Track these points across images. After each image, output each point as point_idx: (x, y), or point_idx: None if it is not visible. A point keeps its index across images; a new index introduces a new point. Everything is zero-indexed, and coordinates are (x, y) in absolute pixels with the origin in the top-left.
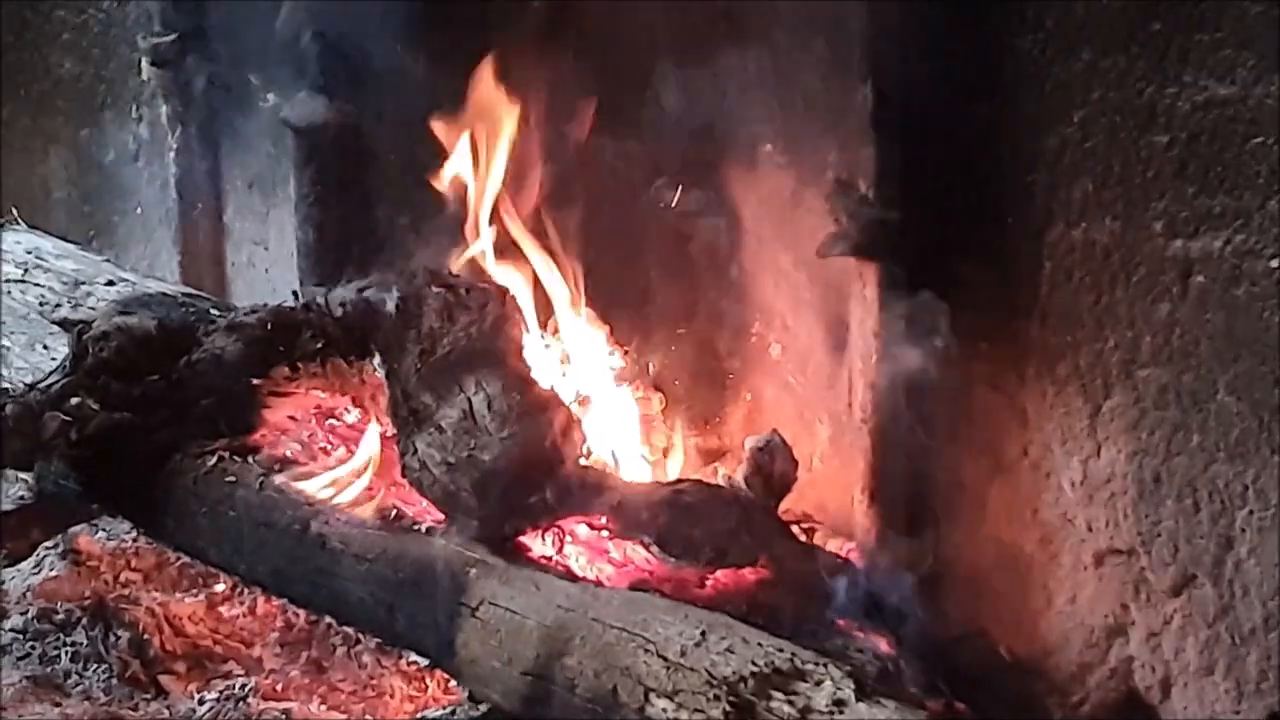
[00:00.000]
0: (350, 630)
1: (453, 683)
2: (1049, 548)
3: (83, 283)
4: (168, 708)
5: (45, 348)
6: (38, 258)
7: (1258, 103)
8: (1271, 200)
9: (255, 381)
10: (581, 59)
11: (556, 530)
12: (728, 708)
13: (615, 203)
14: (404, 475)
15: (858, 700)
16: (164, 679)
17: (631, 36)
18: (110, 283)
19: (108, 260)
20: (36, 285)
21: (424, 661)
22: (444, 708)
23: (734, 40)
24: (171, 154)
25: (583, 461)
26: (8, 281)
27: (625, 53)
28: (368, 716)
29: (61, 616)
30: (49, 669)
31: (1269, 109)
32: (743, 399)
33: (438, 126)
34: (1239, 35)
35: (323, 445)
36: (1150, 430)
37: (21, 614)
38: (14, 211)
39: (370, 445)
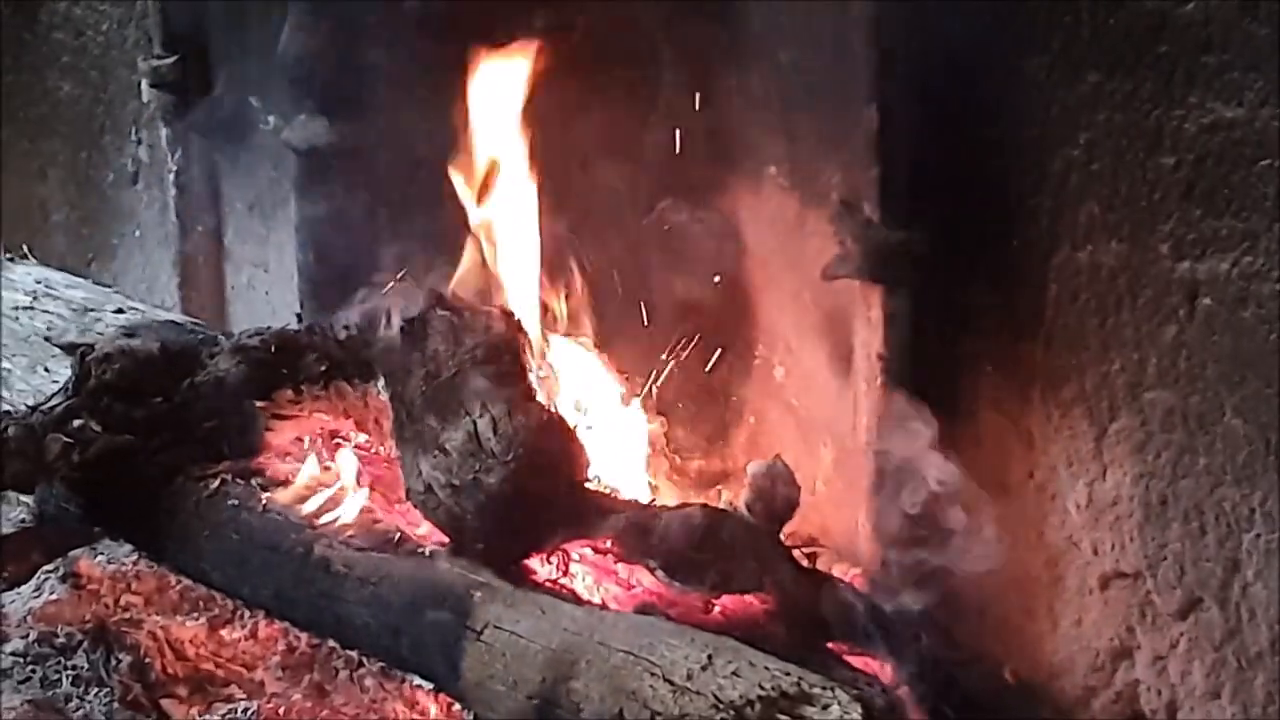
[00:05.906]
0: (353, 654)
1: (457, 707)
2: (1054, 571)
3: (91, 310)
4: None
5: (47, 370)
6: (47, 287)
7: (1264, 125)
8: (1278, 222)
9: (259, 404)
10: (583, 79)
11: (562, 553)
12: None
13: (618, 224)
14: (409, 498)
15: None
16: (165, 703)
17: (635, 58)
18: (119, 311)
19: (117, 291)
20: (45, 312)
21: (428, 685)
22: None
23: (738, 61)
24: (171, 176)
25: (588, 484)
26: (16, 309)
27: (628, 74)
28: None
29: (62, 640)
30: (50, 693)
31: (1275, 131)
32: (746, 422)
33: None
34: (1245, 58)
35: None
36: (1156, 453)
37: (22, 638)
38: (25, 248)
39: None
